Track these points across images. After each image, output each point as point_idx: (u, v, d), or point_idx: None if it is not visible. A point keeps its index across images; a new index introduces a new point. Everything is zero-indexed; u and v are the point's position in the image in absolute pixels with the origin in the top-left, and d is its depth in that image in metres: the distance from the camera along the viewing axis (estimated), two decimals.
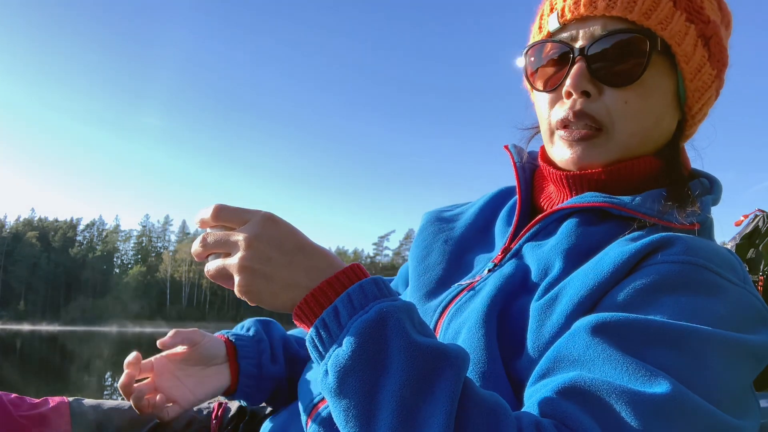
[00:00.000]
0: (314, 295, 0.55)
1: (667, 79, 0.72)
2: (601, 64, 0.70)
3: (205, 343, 0.88)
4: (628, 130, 0.71)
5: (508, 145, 0.88)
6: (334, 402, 0.51)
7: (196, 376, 0.88)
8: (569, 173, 0.75)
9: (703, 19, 0.72)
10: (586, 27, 0.71)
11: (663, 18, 0.70)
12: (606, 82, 0.71)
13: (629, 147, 0.73)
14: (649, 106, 0.72)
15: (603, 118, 0.71)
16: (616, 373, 0.52)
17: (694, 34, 0.71)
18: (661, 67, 0.71)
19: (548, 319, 0.63)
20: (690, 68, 0.72)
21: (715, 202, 0.75)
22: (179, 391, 0.86)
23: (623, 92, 0.70)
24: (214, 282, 0.60)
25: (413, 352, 0.50)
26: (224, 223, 0.60)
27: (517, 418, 0.50)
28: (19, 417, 0.87)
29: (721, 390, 0.54)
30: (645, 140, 0.74)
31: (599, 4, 0.70)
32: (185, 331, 0.87)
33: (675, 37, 0.70)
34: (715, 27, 0.73)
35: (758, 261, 1.55)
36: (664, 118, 0.74)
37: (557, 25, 0.74)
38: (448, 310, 0.74)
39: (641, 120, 0.72)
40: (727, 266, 0.63)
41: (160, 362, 0.87)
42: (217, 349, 0.89)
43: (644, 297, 0.59)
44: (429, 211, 0.97)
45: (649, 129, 0.73)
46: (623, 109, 0.71)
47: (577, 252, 0.68)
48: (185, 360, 0.88)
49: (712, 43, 0.73)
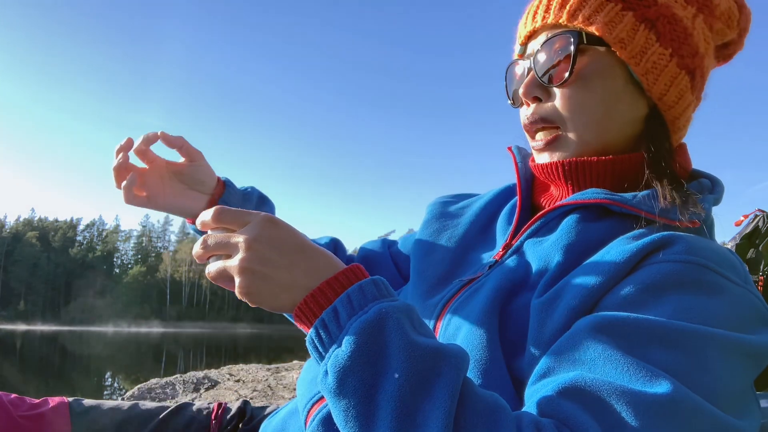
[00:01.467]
0: (314, 295, 0.56)
1: (610, 68, 0.74)
2: (545, 69, 0.76)
3: (203, 167, 0.96)
4: (579, 122, 0.75)
5: (511, 147, 0.89)
6: (333, 402, 0.52)
7: (177, 188, 0.95)
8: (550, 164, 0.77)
9: (645, 3, 0.74)
10: (536, 41, 0.79)
11: (590, 14, 0.73)
12: (550, 83, 0.75)
13: (585, 138, 0.75)
14: (594, 96, 0.74)
15: (555, 117, 0.76)
16: (617, 373, 0.52)
17: (632, 20, 0.73)
18: (600, 58, 0.74)
19: (549, 318, 0.63)
20: (630, 52, 0.73)
21: (717, 202, 0.75)
22: (156, 189, 0.93)
23: (566, 89, 0.75)
24: (215, 283, 0.60)
25: (413, 352, 0.50)
26: (225, 224, 0.60)
27: (517, 417, 0.50)
28: (19, 417, 0.87)
29: (721, 390, 0.54)
30: (602, 129, 0.75)
31: (538, 18, 0.77)
32: (191, 147, 0.94)
33: (604, 27, 0.72)
34: (663, 8, 0.74)
35: (758, 261, 1.55)
36: (617, 104, 0.75)
37: (520, 47, 0.82)
38: (448, 306, 0.74)
39: (588, 110, 0.74)
40: (729, 266, 0.63)
41: (158, 160, 0.93)
42: (208, 178, 0.97)
43: (645, 296, 0.59)
44: (433, 201, 0.98)
45: (600, 117, 0.74)
46: (568, 104, 0.75)
47: (577, 248, 0.68)
48: (178, 172, 0.95)
49: (660, 24, 0.73)
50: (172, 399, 2.98)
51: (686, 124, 0.80)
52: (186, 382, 3.23)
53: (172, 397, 3.01)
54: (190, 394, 3.08)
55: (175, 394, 3.06)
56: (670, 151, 0.76)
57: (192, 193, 0.96)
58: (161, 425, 0.94)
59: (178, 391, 3.09)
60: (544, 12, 0.77)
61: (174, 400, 2.79)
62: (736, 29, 0.80)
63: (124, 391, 3.87)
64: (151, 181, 0.93)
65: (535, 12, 0.78)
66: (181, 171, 0.95)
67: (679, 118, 0.77)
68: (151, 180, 0.93)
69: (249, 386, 3.30)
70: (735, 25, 0.80)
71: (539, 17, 0.77)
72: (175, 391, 3.09)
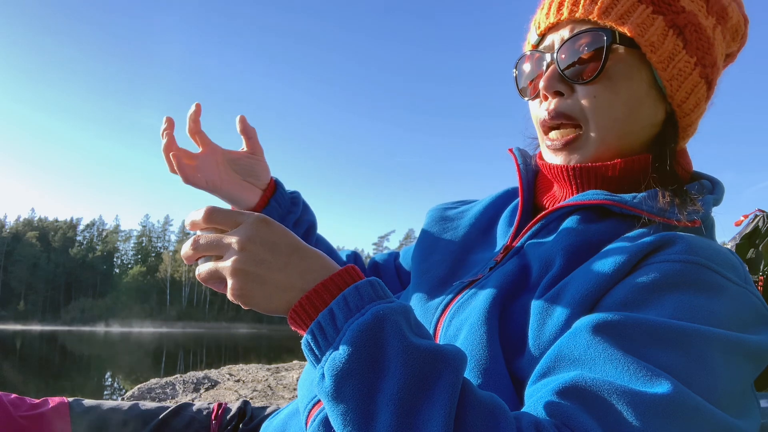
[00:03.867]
0: (309, 297, 0.55)
1: (637, 70, 0.74)
2: (569, 64, 0.74)
3: (261, 163, 0.99)
4: (601, 123, 0.74)
5: (512, 148, 0.89)
6: (331, 406, 0.51)
7: (232, 176, 0.96)
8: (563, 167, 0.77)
9: (675, 9, 0.73)
10: (557, 33, 0.77)
11: (623, 13, 0.73)
12: (574, 79, 0.74)
13: (606, 140, 0.74)
14: (619, 97, 0.73)
15: (577, 114, 0.75)
16: (617, 373, 0.52)
17: (662, 24, 0.73)
18: (628, 59, 0.73)
19: (549, 318, 0.63)
20: (658, 57, 0.73)
21: (717, 203, 0.75)
22: (213, 173, 0.93)
23: (591, 87, 0.74)
24: (205, 285, 0.59)
25: (411, 354, 0.50)
26: (216, 225, 0.59)
27: (517, 418, 0.50)
28: (19, 417, 0.87)
29: (721, 390, 0.54)
30: (623, 133, 0.74)
31: (565, 11, 0.75)
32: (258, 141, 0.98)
33: (637, 29, 0.72)
34: (691, 16, 0.74)
35: (758, 261, 1.56)
36: (640, 108, 0.75)
37: (537, 37, 0.80)
38: (449, 307, 0.74)
39: (612, 111, 0.74)
40: (728, 266, 0.63)
41: (214, 146, 0.95)
42: (264, 174, 0.99)
43: (645, 296, 0.59)
44: (433, 207, 0.98)
45: (622, 120, 0.74)
46: (593, 103, 0.74)
47: (577, 249, 0.68)
48: (234, 160, 0.96)
49: (687, 31, 0.73)
50: (172, 399, 2.98)
51: (695, 131, 0.81)
52: (186, 382, 3.23)
53: (172, 397, 3.01)
54: (190, 394, 3.09)
55: (175, 394, 3.06)
56: (674, 154, 0.76)
57: (247, 185, 0.98)
58: (161, 425, 0.94)
59: (178, 391, 3.09)
60: (572, 5, 0.75)
61: (174, 400, 2.80)
62: (738, 42, 0.81)
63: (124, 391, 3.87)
64: (205, 165, 0.93)
65: (561, 3, 0.76)
66: (238, 160, 0.96)
67: (691, 125, 0.79)
68: (206, 164, 0.93)
69: (249, 386, 3.30)
70: (739, 38, 0.81)
71: (565, 10, 0.75)
72: (175, 391, 3.09)
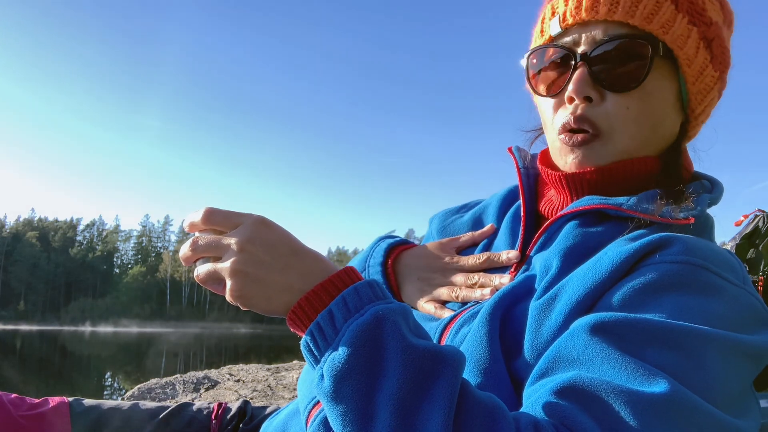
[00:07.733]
0: (308, 298, 0.55)
1: (668, 82, 0.72)
2: (603, 69, 0.70)
3: None
4: (628, 134, 0.71)
5: (511, 148, 0.87)
6: (330, 406, 0.51)
7: None
8: (566, 174, 0.75)
9: (705, 21, 0.71)
10: (587, 31, 0.71)
11: (665, 22, 0.69)
12: (608, 87, 0.70)
13: (628, 150, 0.73)
14: (650, 110, 0.71)
15: (602, 123, 0.71)
16: (615, 373, 0.52)
17: (696, 36, 0.71)
18: (663, 71, 0.71)
19: (547, 319, 0.63)
20: (692, 71, 0.71)
21: (714, 202, 0.75)
22: None
23: (625, 97, 0.70)
24: (204, 286, 0.59)
25: (410, 355, 0.50)
26: (215, 226, 0.59)
27: (515, 418, 0.50)
28: (19, 417, 0.87)
29: (720, 390, 0.54)
30: (645, 143, 0.73)
31: (601, 9, 0.69)
32: None
33: (677, 40, 0.69)
34: (717, 29, 0.72)
35: (758, 261, 1.55)
36: (665, 121, 0.74)
37: (559, 29, 0.74)
38: (455, 320, 0.73)
39: (641, 125, 0.71)
40: (726, 267, 0.63)
41: None
42: None
43: (643, 297, 0.59)
44: (437, 215, 0.96)
45: (648, 133, 0.73)
46: (624, 114, 0.70)
47: (575, 252, 0.68)
48: None
49: (714, 45, 0.72)
50: (172, 399, 2.98)
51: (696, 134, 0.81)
52: (186, 382, 3.23)
53: (172, 397, 3.02)
54: (190, 394, 3.09)
55: (175, 394, 3.06)
56: (680, 157, 0.77)
57: None
58: (161, 425, 0.94)
59: (178, 391, 3.10)
60: (611, 4, 0.69)
61: (174, 400, 2.79)
62: None
63: (124, 391, 3.87)
64: None
65: (596, 0, 0.70)
66: None
67: (698, 133, 0.79)
68: None
69: (249, 386, 3.30)
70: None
71: (602, 9, 0.69)
72: (175, 391, 3.09)
